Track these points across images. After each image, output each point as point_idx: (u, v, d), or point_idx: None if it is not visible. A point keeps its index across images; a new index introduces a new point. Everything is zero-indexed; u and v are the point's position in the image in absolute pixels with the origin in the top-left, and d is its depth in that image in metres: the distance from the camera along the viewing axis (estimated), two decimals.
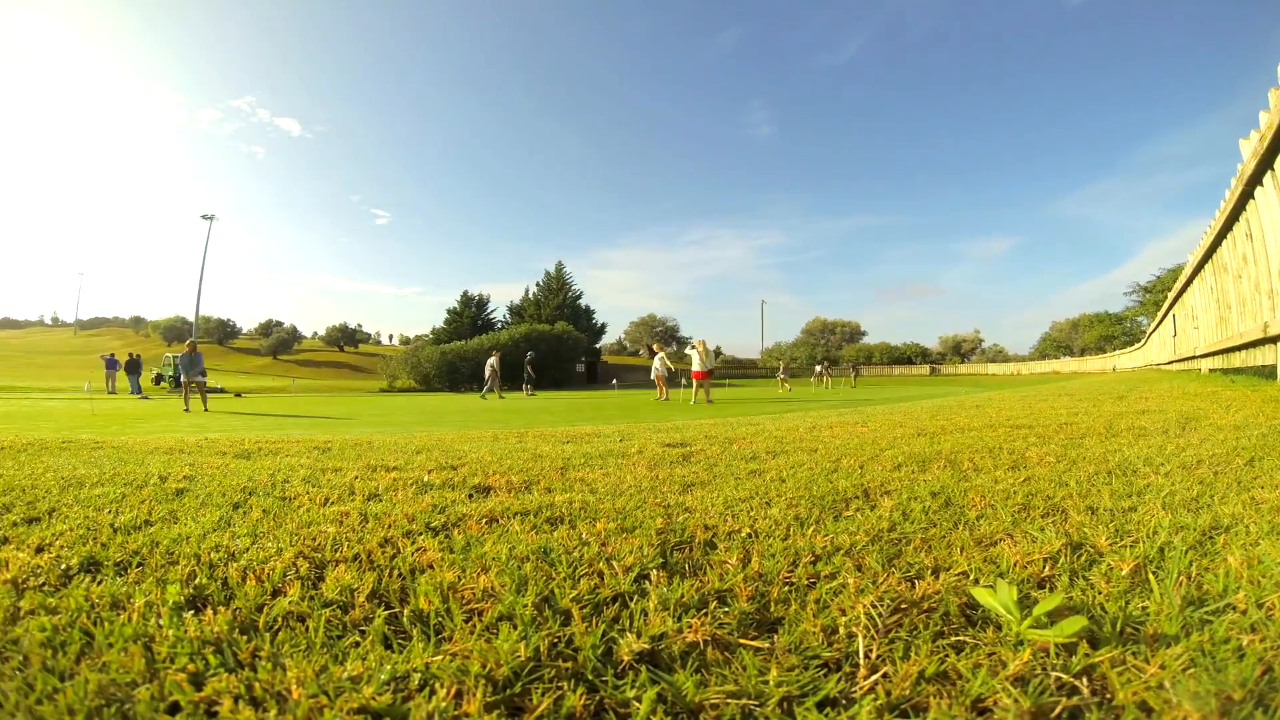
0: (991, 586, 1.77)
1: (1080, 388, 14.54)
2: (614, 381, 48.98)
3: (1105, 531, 2.32)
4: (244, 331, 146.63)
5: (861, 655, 1.50)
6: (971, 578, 1.93)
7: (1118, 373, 37.51)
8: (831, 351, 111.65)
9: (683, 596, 1.82)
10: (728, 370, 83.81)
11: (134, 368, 40.54)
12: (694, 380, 22.46)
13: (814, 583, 1.95)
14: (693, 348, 22.88)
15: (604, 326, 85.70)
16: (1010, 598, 1.63)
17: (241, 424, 12.67)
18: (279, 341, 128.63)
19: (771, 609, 1.77)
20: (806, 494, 3.19)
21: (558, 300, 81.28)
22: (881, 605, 1.72)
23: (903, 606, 1.72)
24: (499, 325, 78.64)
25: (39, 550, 2.38)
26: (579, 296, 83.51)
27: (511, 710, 1.33)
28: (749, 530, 2.53)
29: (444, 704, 1.31)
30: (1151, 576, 1.85)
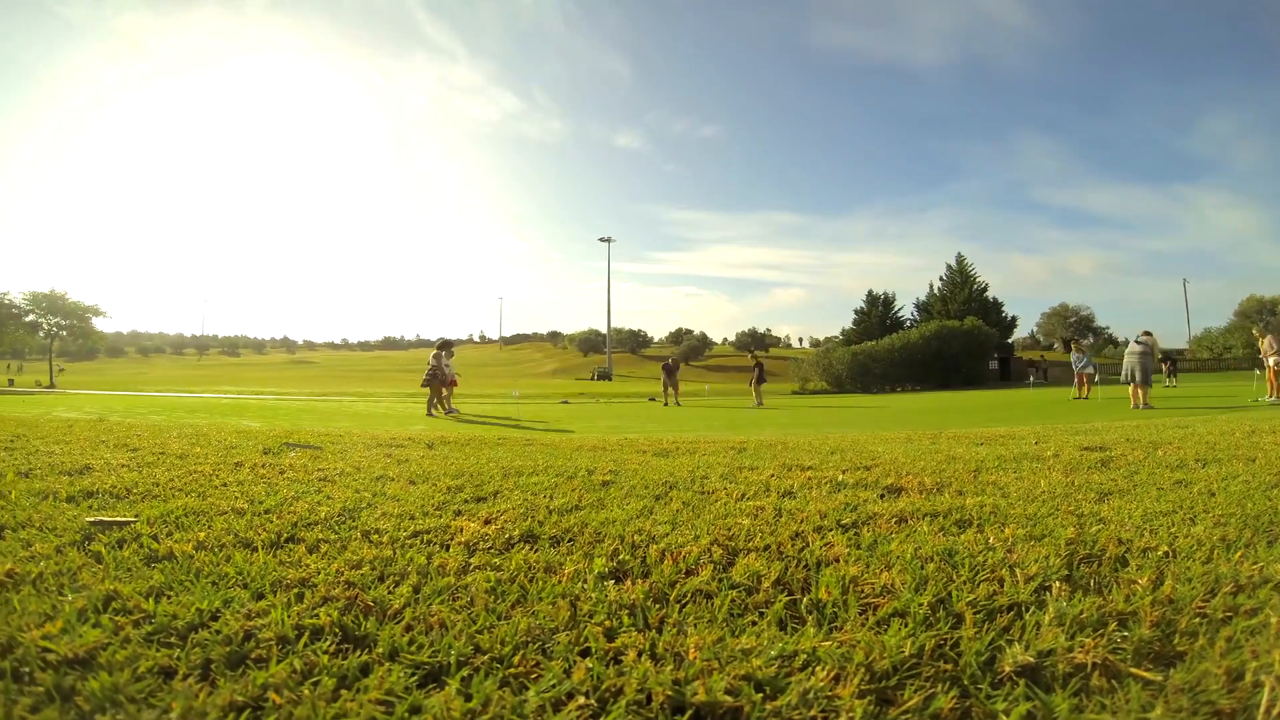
0: None
1: None
2: (1029, 380, 45.62)
3: None
4: (655, 340, 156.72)
5: (1262, 711, 1.40)
6: None
7: None
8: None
9: (1081, 614, 1.82)
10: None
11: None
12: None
13: (1230, 617, 1.83)
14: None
15: (1014, 320, 79.39)
16: None
17: (656, 425, 13.71)
18: (689, 348, 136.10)
19: (1174, 640, 1.70)
20: (1238, 511, 2.92)
21: (964, 294, 76.68)
22: None
23: None
24: (907, 323, 76.44)
25: (486, 522, 2.96)
26: (985, 289, 78.29)
27: (881, 700, 1.46)
28: (1166, 549, 2.40)
29: (821, 684, 1.48)
30: None
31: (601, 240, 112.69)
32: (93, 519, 2.88)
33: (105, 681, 1.49)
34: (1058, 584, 2.05)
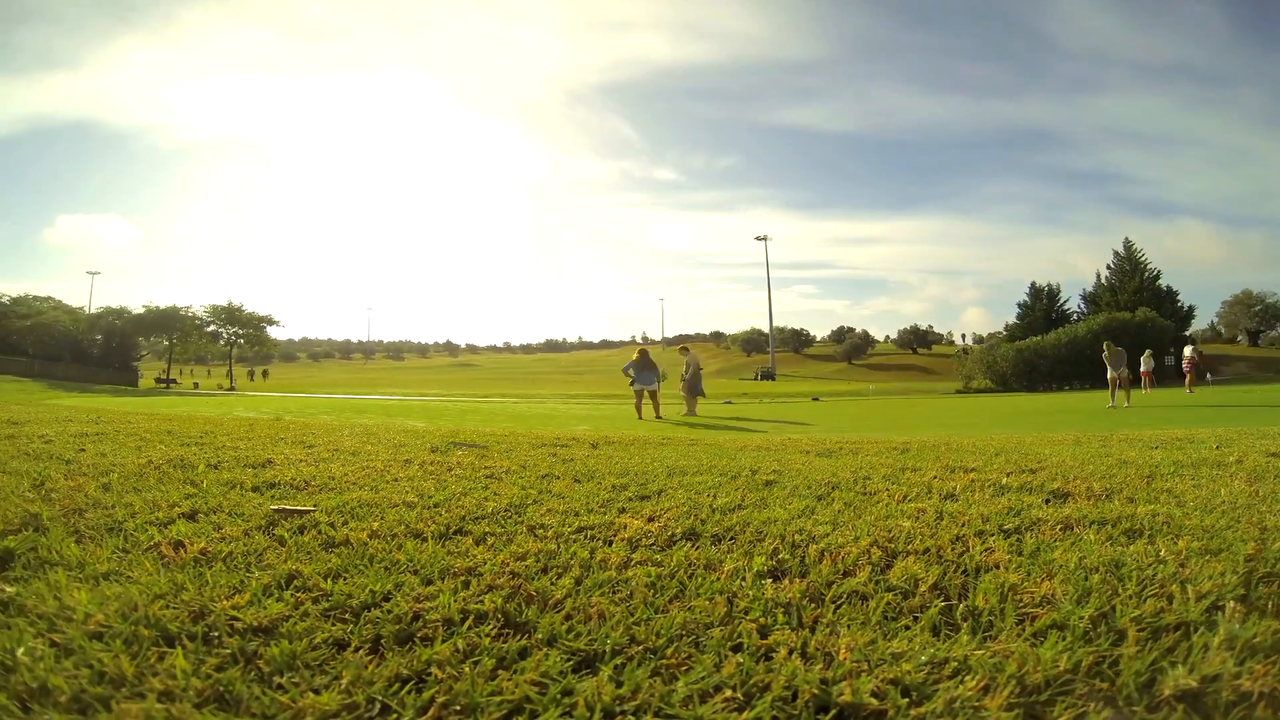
0: None
1: None
2: (1208, 376, 41.94)
3: None
4: (818, 339, 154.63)
5: None
6: None
7: None
8: None
9: (1254, 637, 1.68)
10: None
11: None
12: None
13: None
14: None
15: (1191, 310, 71.23)
16: None
17: (820, 426, 13.55)
18: (851, 347, 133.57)
19: None
20: None
21: (1134, 283, 69.32)
22: None
23: None
24: (1074, 317, 71.20)
25: (650, 520, 3.01)
26: (1157, 276, 70.47)
27: (1029, 715, 1.41)
28: None
29: (969, 693, 1.44)
30: None
31: (758, 239, 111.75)
32: (276, 507, 3.12)
33: (285, 649, 1.65)
34: (1232, 604, 1.90)
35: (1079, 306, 75.45)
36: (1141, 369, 28.54)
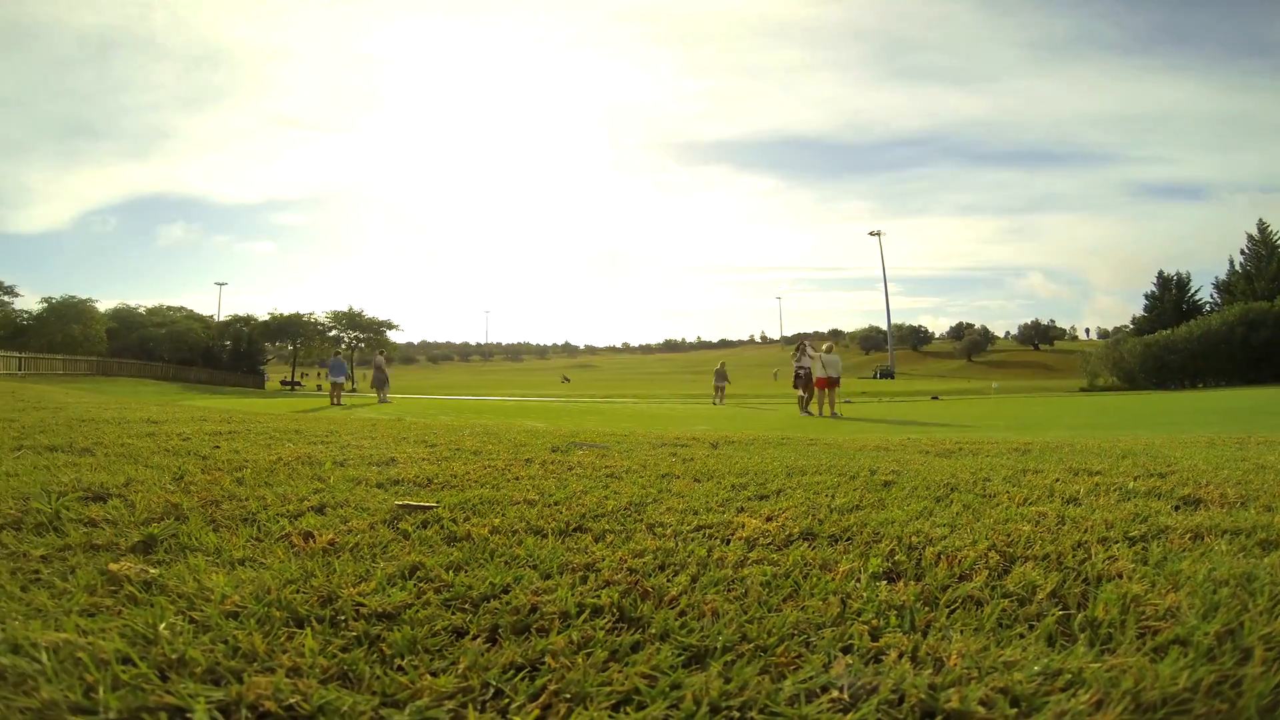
0: None
1: None
2: None
3: None
4: (936, 336, 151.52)
5: None
6: None
7: None
8: None
9: None
10: None
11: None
12: None
13: None
14: None
15: None
16: None
17: (940, 426, 13.27)
18: (971, 344, 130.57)
19: None
20: None
21: (1271, 269, 63.58)
22: None
23: None
24: (1206, 308, 65.76)
25: (768, 519, 3.03)
26: None
27: None
28: None
29: (1081, 707, 1.42)
30: None
31: (871, 234, 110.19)
32: (400, 503, 3.25)
33: (406, 634, 1.75)
34: None
35: (1211, 296, 70.34)
36: None
